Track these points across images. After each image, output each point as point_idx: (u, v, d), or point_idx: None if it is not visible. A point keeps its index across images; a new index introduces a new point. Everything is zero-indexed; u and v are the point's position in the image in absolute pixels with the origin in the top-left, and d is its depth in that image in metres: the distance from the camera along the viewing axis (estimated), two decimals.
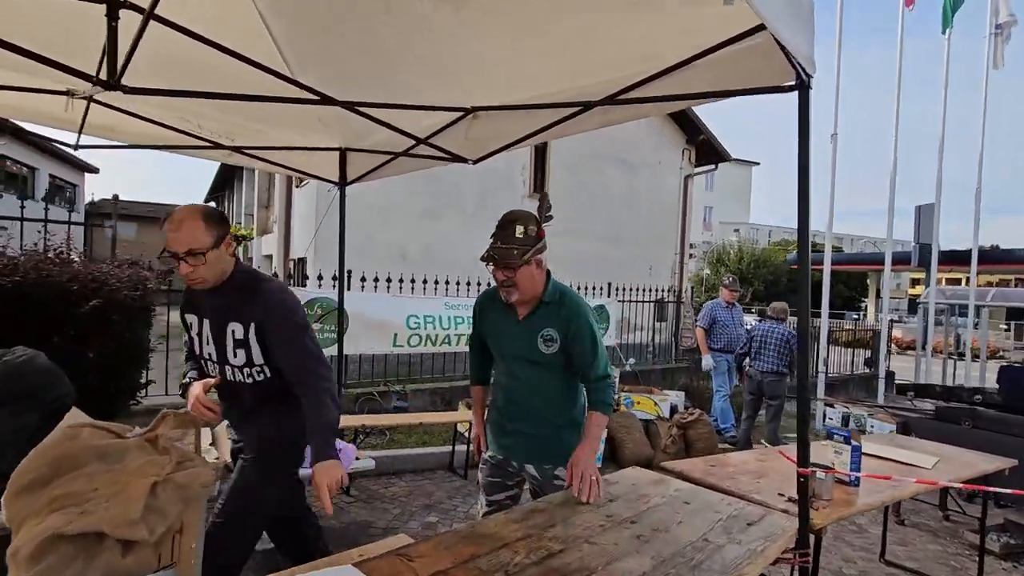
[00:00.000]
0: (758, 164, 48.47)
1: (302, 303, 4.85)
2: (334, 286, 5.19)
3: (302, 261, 10.07)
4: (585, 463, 1.77)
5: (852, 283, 32.66)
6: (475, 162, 2.89)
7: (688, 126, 12.51)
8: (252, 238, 17.79)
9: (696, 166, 13.20)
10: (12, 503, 1.19)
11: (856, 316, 26.13)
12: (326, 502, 1.58)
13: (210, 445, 2.69)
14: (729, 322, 5.99)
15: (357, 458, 3.02)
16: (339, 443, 3.01)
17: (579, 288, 6.86)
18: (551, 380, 1.94)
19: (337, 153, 3.69)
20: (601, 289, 7.16)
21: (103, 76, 1.73)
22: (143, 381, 3.53)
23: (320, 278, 5.00)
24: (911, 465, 2.58)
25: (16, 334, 2.70)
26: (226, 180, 21.92)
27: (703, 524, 1.63)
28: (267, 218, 16.00)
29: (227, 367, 1.78)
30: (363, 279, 5.23)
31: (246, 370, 1.77)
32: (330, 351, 4.89)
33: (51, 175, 18.70)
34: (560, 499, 1.73)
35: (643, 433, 5.11)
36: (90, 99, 2.73)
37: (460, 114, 2.69)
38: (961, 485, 3.42)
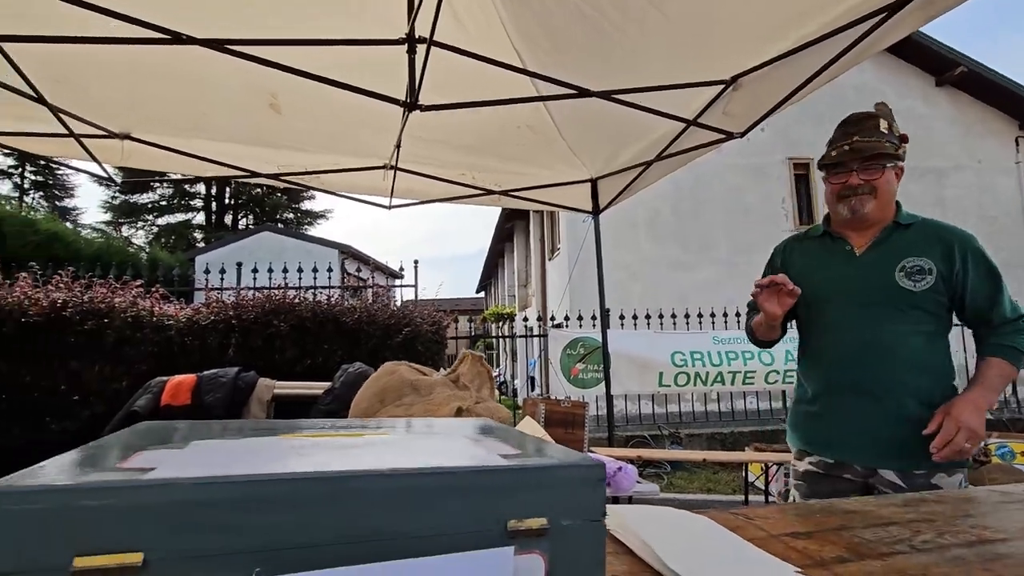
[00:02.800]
0: None
1: (567, 342, 5.01)
2: (594, 325, 5.23)
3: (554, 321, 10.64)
4: (966, 413, 1.21)
5: None
6: (742, 134, 2.58)
7: (1018, 107, 9.57)
8: (514, 315, 19.83)
9: None
10: None
11: None
12: None
13: None
14: None
15: (639, 481, 2.75)
16: (618, 462, 2.81)
17: None
18: (915, 333, 1.36)
19: (588, 184, 3.81)
20: None
21: (407, 99, 2.09)
22: None
23: (580, 318, 5.09)
24: None
25: (355, 354, 3.35)
26: (490, 271, 25.41)
27: None
28: (527, 295, 17.73)
29: None
30: (621, 316, 5.14)
31: None
32: (595, 391, 4.85)
33: (376, 284, 24.46)
34: (973, 495, 1.17)
35: None
36: (396, 169, 3.45)
37: (719, 88, 2.47)
38: None
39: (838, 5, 1.85)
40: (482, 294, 34.75)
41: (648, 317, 5.09)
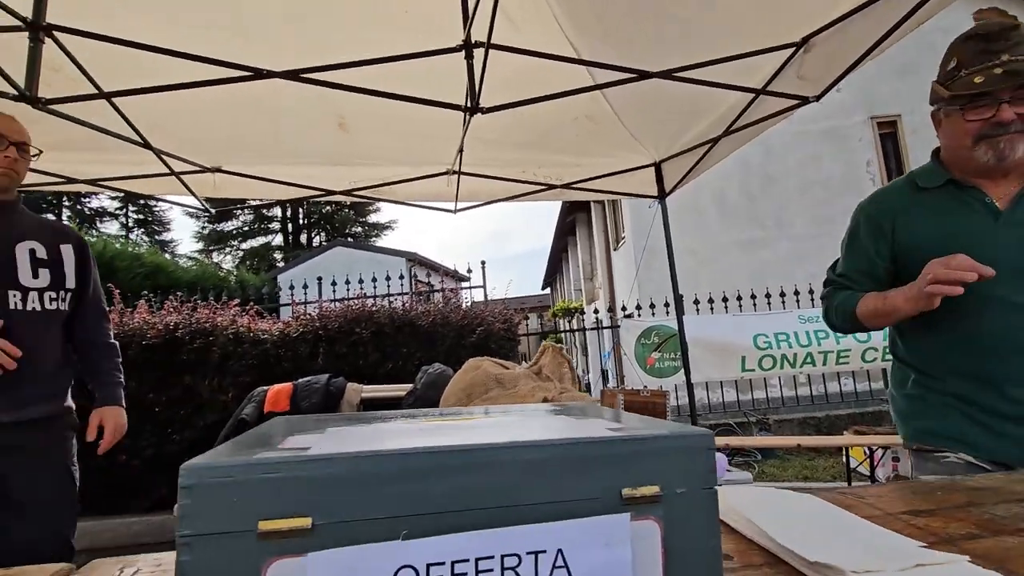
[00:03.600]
0: None
1: (641, 331, 4.92)
2: (667, 313, 5.10)
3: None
4: None
5: None
6: (818, 98, 2.43)
7: None
8: (583, 310, 19.70)
9: None
10: None
11: None
12: None
13: None
14: None
15: (728, 470, 2.66)
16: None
17: None
18: None
19: (652, 169, 3.73)
20: None
21: (466, 104, 2.14)
22: None
23: (652, 306, 4.99)
24: None
25: (432, 355, 3.47)
26: (555, 267, 25.38)
27: None
28: (593, 288, 17.57)
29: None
30: (696, 301, 4.98)
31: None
32: (673, 379, 4.73)
33: (443, 287, 25.14)
34: None
35: None
36: (459, 174, 3.54)
37: (790, 51, 2.34)
38: None
39: None
40: (548, 291, 34.82)
41: (725, 300, 4.90)
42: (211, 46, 1.95)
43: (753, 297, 4.89)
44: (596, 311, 5.43)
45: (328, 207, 23.30)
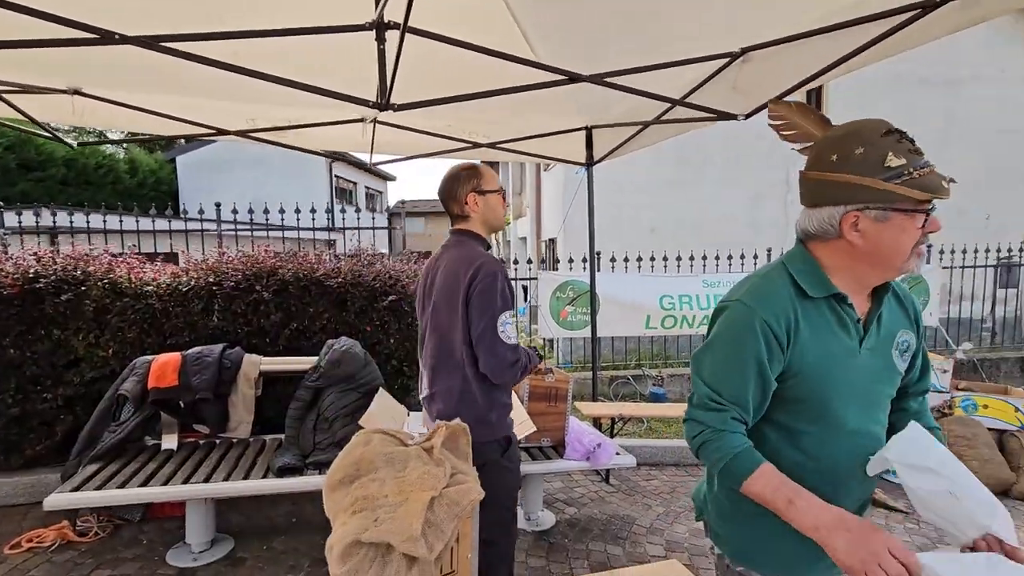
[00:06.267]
0: None
1: (557, 285, 5.01)
2: (584, 268, 5.19)
3: (552, 242, 10.55)
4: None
5: None
6: (746, 117, 2.38)
7: None
8: (509, 222, 19.63)
9: None
10: (329, 496, 1.33)
11: None
12: None
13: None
14: None
15: (617, 453, 2.89)
16: (598, 437, 2.93)
17: None
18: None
19: (583, 133, 3.57)
20: None
21: (378, 99, 1.88)
22: None
23: (571, 261, 5.04)
24: None
25: (340, 327, 3.34)
26: None
27: None
28: (521, 203, 17.40)
29: None
30: (612, 259, 5.09)
31: None
32: (583, 333, 4.93)
33: (366, 186, 23.84)
34: None
35: (995, 449, 3.76)
36: (375, 122, 3.20)
37: (726, 60, 2.23)
38: None
39: None
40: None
41: (640, 260, 5.05)
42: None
43: (665, 259, 5.07)
44: (516, 262, 5.41)
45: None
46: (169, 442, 2.77)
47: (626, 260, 5.07)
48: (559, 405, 2.95)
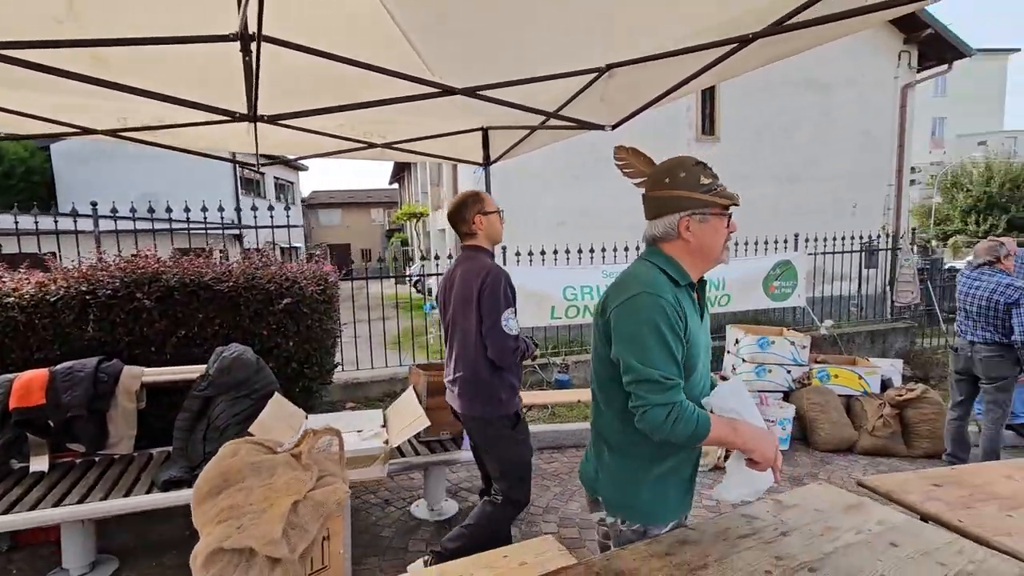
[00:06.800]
0: (1017, 51, 36.79)
1: None
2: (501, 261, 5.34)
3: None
4: None
5: None
6: (613, 127, 2.59)
7: (905, 22, 9.94)
8: (428, 214, 19.50)
9: (920, 70, 10.50)
10: (196, 509, 1.36)
11: None
12: None
13: (382, 427, 2.96)
14: None
15: None
16: None
17: (758, 242, 6.04)
18: None
19: (480, 133, 3.67)
20: (786, 241, 6.21)
21: (249, 111, 1.87)
22: (335, 363, 4.04)
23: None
24: None
25: (234, 332, 3.25)
26: (403, 164, 24.21)
27: None
28: (439, 195, 17.30)
29: None
30: (518, 253, 5.27)
31: None
32: None
33: (275, 177, 22.63)
34: (716, 529, 1.47)
35: (842, 412, 4.35)
36: (256, 121, 3.11)
37: (594, 75, 2.41)
38: None
39: (712, 21, 1.82)
40: (396, 186, 33.42)
41: (543, 253, 5.26)
42: None
43: (567, 252, 5.32)
44: (424, 259, 5.45)
45: None
46: (39, 464, 2.60)
47: (530, 254, 5.26)
48: None
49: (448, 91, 2.11)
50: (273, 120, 1.93)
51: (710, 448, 4.00)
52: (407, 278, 12.63)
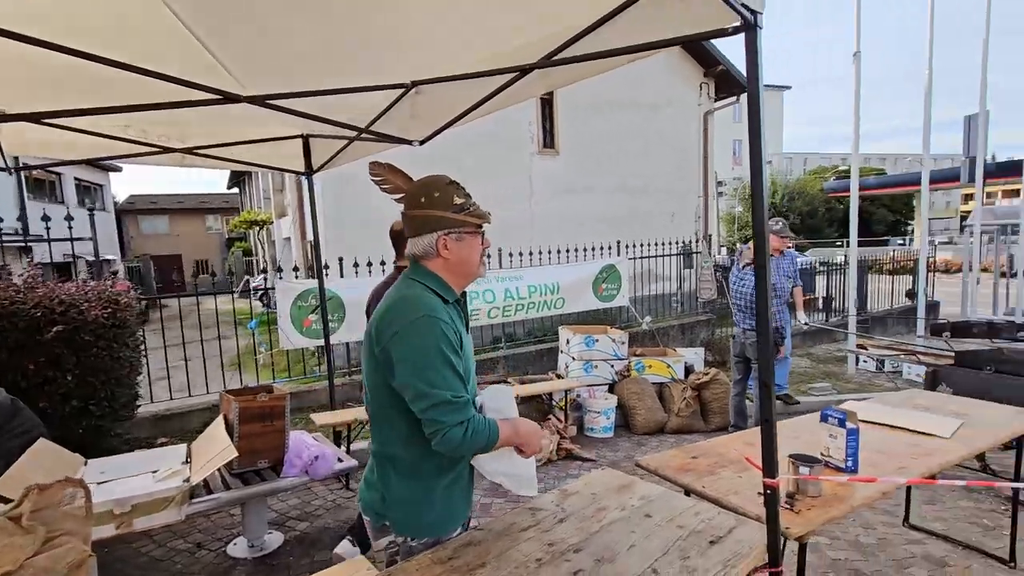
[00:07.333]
0: (789, 88, 45.31)
1: (297, 294, 4.84)
2: (356, 275, 5.17)
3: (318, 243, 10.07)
4: None
5: (897, 206, 30.81)
6: (422, 143, 2.66)
7: (704, 58, 11.61)
8: (271, 221, 18.01)
9: (716, 99, 12.33)
10: None
11: (902, 242, 24.68)
12: None
13: (184, 463, 2.67)
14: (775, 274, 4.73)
15: (340, 460, 2.96)
16: (319, 448, 2.97)
17: (585, 249, 6.58)
18: None
19: (300, 140, 3.50)
20: (610, 247, 6.86)
21: None
22: (135, 393, 3.55)
23: (327, 267, 4.93)
24: (925, 434, 2.33)
25: None
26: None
27: (658, 546, 1.46)
28: (282, 201, 16.08)
29: None
30: (356, 264, 5.12)
31: None
32: (334, 337, 4.87)
33: (77, 178, 19.13)
34: (502, 526, 1.58)
35: (655, 398, 4.93)
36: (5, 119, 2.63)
37: (402, 91, 2.44)
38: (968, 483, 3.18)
39: (500, 47, 1.94)
40: (236, 191, 30.29)
41: (383, 263, 5.17)
42: None
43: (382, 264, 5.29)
44: (265, 271, 5.03)
45: None
46: None
47: (369, 264, 5.14)
48: (277, 423, 2.88)
49: (231, 98, 1.98)
50: (9, 119, 1.64)
51: (543, 443, 4.27)
52: (252, 291, 11.55)
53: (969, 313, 7.25)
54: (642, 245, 7.26)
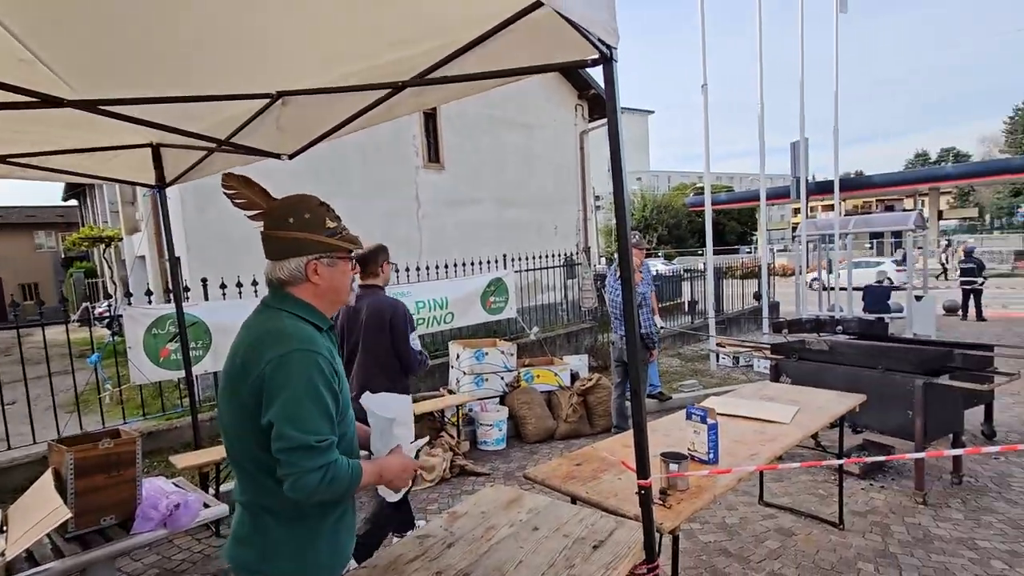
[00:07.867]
0: (653, 112, 50.03)
1: (152, 320, 4.29)
2: (223, 297, 4.68)
3: (178, 259, 9.00)
4: None
5: (744, 219, 35.17)
6: (291, 157, 2.51)
7: (578, 81, 12.35)
8: (121, 238, 15.85)
9: (590, 120, 13.16)
10: None
11: (749, 250, 28.18)
12: None
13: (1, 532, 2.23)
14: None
15: (207, 505, 2.66)
16: (181, 495, 2.64)
17: (471, 263, 6.64)
18: None
19: (149, 150, 3.12)
20: (496, 261, 6.98)
21: None
22: None
23: (187, 290, 4.41)
24: (770, 422, 2.64)
25: None
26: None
27: (545, 559, 1.48)
28: (134, 215, 14.25)
29: None
30: (223, 285, 4.68)
31: None
32: (197, 367, 4.37)
33: None
34: (388, 560, 1.51)
35: (544, 406, 5.07)
36: None
37: (267, 101, 2.28)
38: (800, 465, 3.68)
39: (370, 62, 1.88)
40: (75, 203, 26.27)
41: (255, 284, 4.78)
42: None
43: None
44: (111, 297, 4.35)
45: None
46: None
47: (239, 285, 4.72)
48: (125, 472, 2.51)
49: (52, 102, 1.71)
50: None
51: (435, 462, 4.19)
52: (96, 319, 10.02)
53: (801, 311, 8.41)
54: (528, 258, 7.48)
